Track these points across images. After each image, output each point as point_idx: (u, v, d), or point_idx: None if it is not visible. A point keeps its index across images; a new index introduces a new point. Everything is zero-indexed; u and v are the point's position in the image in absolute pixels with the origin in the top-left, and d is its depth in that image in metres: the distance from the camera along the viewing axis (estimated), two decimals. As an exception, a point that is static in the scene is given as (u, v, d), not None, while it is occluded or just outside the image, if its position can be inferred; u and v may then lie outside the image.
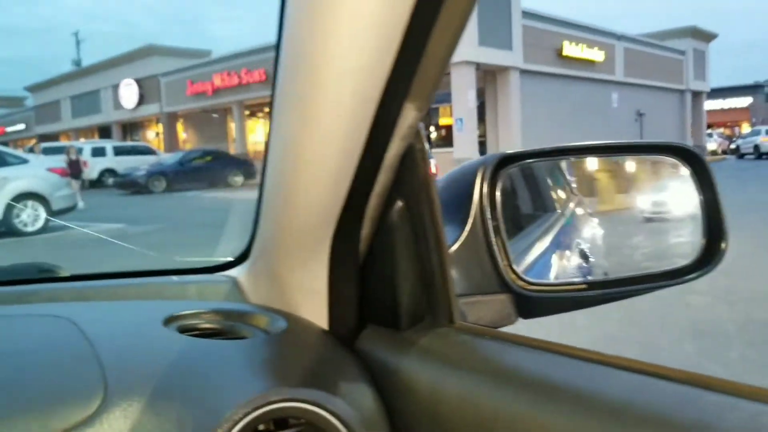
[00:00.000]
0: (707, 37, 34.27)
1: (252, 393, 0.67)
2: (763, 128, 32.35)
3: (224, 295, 1.05)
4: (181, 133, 35.31)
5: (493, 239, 0.92)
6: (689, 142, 33.32)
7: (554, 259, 1.13)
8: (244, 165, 24.04)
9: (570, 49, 23.99)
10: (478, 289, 0.92)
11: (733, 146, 35.53)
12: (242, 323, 0.90)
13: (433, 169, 2.72)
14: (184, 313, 0.90)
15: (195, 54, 34.11)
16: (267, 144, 0.83)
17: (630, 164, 1.18)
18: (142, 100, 34.57)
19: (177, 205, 15.04)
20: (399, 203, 0.80)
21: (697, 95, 34.05)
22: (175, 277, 1.10)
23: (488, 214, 0.92)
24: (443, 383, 0.69)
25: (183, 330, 0.84)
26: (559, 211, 1.20)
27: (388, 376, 0.76)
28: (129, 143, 31.07)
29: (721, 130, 47.63)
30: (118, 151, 27.08)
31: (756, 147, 31.25)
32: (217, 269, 1.12)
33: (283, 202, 0.83)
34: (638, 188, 1.18)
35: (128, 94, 35.10)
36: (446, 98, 22.43)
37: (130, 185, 22.40)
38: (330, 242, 0.85)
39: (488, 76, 21.48)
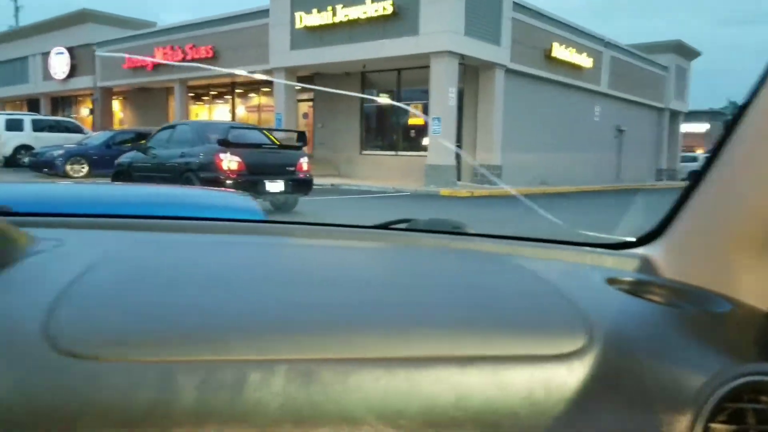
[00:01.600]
0: (691, 54, 32.62)
1: (724, 364, 0.75)
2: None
3: (636, 270, 1.09)
4: (119, 111, 31.68)
5: None
6: (663, 165, 31.69)
7: None
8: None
9: (559, 52, 21.64)
10: None
11: None
12: (676, 297, 0.95)
13: (306, 166, 10.48)
14: (623, 279, 0.99)
15: (137, 24, 30.56)
16: (726, 134, 0.93)
17: None
18: (74, 72, 30.80)
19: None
20: None
21: (674, 115, 32.40)
22: (587, 248, 1.16)
23: None
24: None
25: (628, 293, 0.93)
26: None
27: None
28: (52, 118, 27.20)
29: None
30: (39, 126, 23.33)
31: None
32: (620, 246, 1.17)
33: (748, 191, 0.91)
34: None
35: (59, 63, 31.31)
36: (416, 96, 19.80)
37: (45, 165, 18.87)
38: None
39: (469, 74, 18.87)
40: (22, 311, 0.71)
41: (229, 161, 9.63)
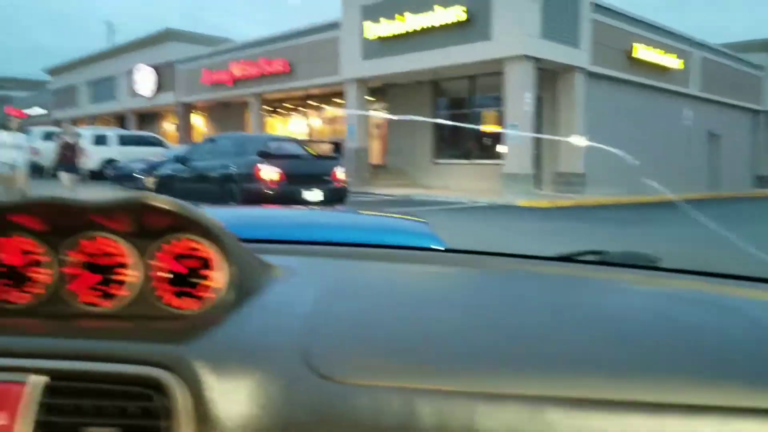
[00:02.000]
0: (789, 52, 30.33)
1: None
2: None
3: None
4: (200, 126, 32.56)
5: None
6: (763, 171, 29.50)
7: None
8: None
9: (643, 53, 20.47)
10: None
11: None
12: None
13: (341, 176, 10.93)
14: None
15: (215, 41, 31.37)
16: None
17: None
18: (157, 88, 31.94)
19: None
20: None
21: (772, 117, 30.14)
22: None
23: None
24: None
25: None
26: None
27: None
28: (136, 132, 28.25)
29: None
30: (124, 141, 24.38)
31: None
32: None
33: None
34: None
35: (143, 81, 32.58)
36: (490, 103, 19.17)
37: (126, 178, 19.48)
38: None
39: (546, 79, 18.09)
40: (281, 336, 0.77)
41: (269, 171, 9.99)
